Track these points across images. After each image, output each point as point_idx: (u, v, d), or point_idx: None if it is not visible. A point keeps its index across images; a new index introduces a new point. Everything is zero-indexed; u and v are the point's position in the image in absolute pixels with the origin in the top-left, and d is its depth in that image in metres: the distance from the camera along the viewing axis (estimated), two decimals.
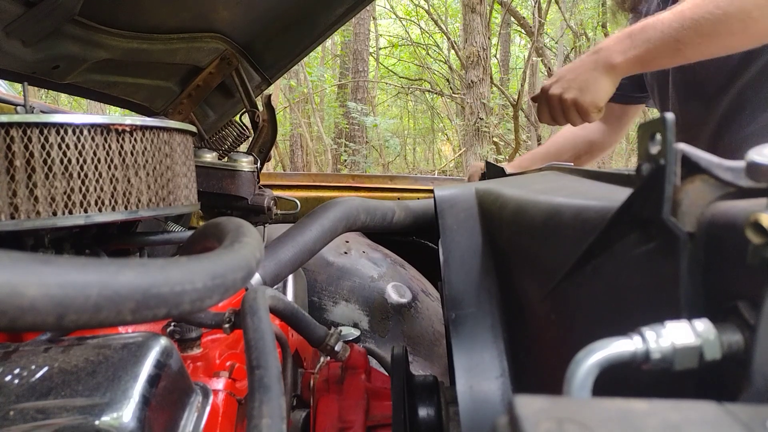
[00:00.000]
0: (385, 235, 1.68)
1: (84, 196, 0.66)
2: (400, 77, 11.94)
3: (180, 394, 0.54)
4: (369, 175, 2.17)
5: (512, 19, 9.20)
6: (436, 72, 11.24)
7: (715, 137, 1.17)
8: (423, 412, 0.73)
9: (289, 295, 1.06)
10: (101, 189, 0.67)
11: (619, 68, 0.96)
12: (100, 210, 0.67)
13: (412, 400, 0.73)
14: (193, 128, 0.83)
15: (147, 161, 0.71)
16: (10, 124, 0.62)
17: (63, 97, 7.66)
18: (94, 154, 0.66)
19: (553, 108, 1.04)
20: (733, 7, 0.86)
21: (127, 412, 0.44)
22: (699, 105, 1.18)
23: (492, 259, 0.66)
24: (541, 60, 8.33)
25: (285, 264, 0.82)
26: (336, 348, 0.77)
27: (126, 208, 0.69)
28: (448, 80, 10.66)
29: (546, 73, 8.04)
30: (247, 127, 1.45)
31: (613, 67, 0.96)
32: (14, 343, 0.54)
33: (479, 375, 0.58)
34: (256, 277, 0.77)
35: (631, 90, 1.45)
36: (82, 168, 0.65)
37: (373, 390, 0.87)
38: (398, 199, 1.77)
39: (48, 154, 0.63)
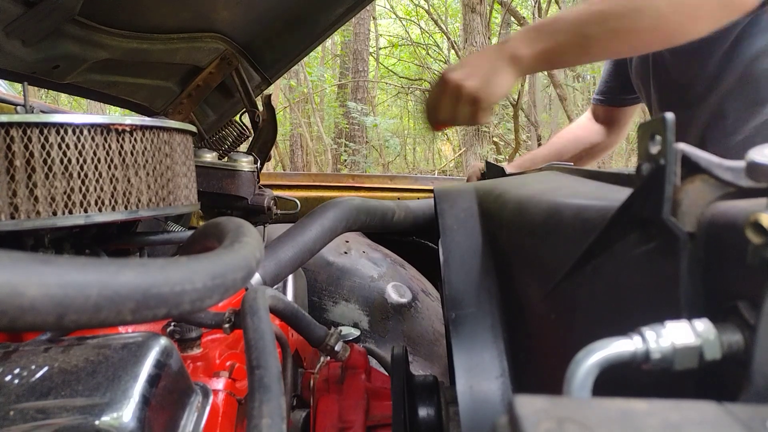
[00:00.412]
0: (385, 235, 1.68)
1: (84, 196, 0.66)
2: (400, 77, 11.93)
3: (180, 394, 0.54)
4: (369, 175, 2.17)
5: (512, 19, 9.20)
6: (436, 72, 11.21)
7: (699, 146, 1.15)
8: (423, 412, 0.73)
9: (289, 295, 1.06)
10: (101, 189, 0.67)
11: (524, 61, 0.86)
12: (100, 210, 0.67)
13: (412, 400, 0.73)
14: (193, 128, 0.83)
15: (147, 161, 0.71)
16: (10, 124, 0.62)
17: (63, 97, 7.66)
18: (94, 153, 0.66)
19: (445, 96, 0.91)
20: (643, 2, 0.80)
21: (127, 412, 0.44)
22: (681, 112, 1.15)
23: (492, 258, 0.66)
24: None
25: (285, 264, 0.81)
26: (336, 348, 0.77)
27: (126, 208, 0.69)
28: None
29: (546, 73, 8.03)
30: (247, 127, 1.45)
31: (518, 60, 0.86)
32: (14, 343, 0.54)
33: (479, 375, 0.58)
34: (256, 277, 0.77)
35: (622, 92, 1.44)
36: (82, 168, 0.65)
37: (373, 390, 0.87)
38: (398, 199, 1.77)
39: (48, 154, 0.63)
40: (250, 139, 1.41)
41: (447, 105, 0.92)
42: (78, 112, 4.95)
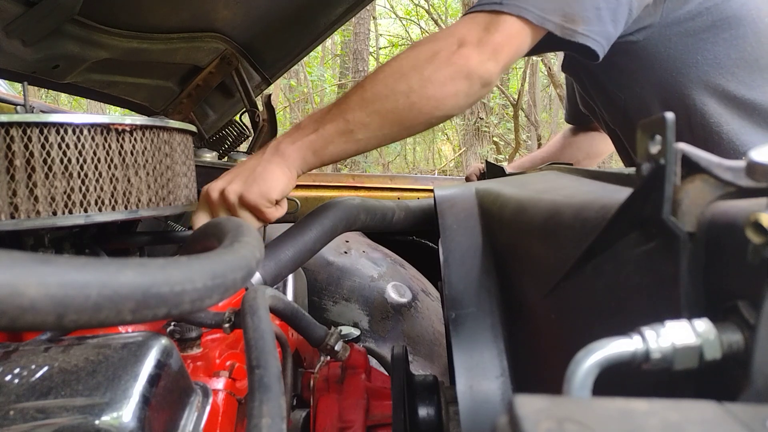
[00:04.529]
0: (385, 235, 1.68)
1: (84, 196, 0.66)
2: None
3: (180, 393, 0.54)
4: (369, 174, 2.17)
5: None
6: None
7: None
8: (423, 411, 0.73)
9: (289, 295, 1.06)
10: (101, 188, 0.67)
11: (290, 157, 0.81)
12: (100, 210, 0.67)
13: (412, 399, 0.73)
14: (193, 128, 0.83)
15: (147, 161, 0.71)
16: (10, 124, 0.62)
17: (63, 96, 7.67)
18: (94, 153, 0.66)
19: (214, 208, 0.82)
20: (395, 84, 0.80)
21: (127, 411, 0.44)
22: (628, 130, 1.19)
23: (492, 258, 0.66)
24: (541, 59, 8.33)
25: (285, 264, 0.81)
26: (336, 348, 0.77)
27: (126, 207, 0.69)
28: None
29: (546, 73, 8.03)
30: (247, 127, 1.46)
31: (283, 154, 0.81)
32: (14, 343, 0.54)
33: (479, 375, 0.58)
34: (257, 277, 0.77)
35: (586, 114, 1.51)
36: (82, 167, 0.65)
37: (373, 390, 0.87)
38: (398, 199, 1.77)
39: (48, 153, 0.64)
40: (250, 138, 1.41)
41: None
42: (78, 112, 4.95)
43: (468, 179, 1.38)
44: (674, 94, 1.01)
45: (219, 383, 0.62)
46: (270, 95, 1.45)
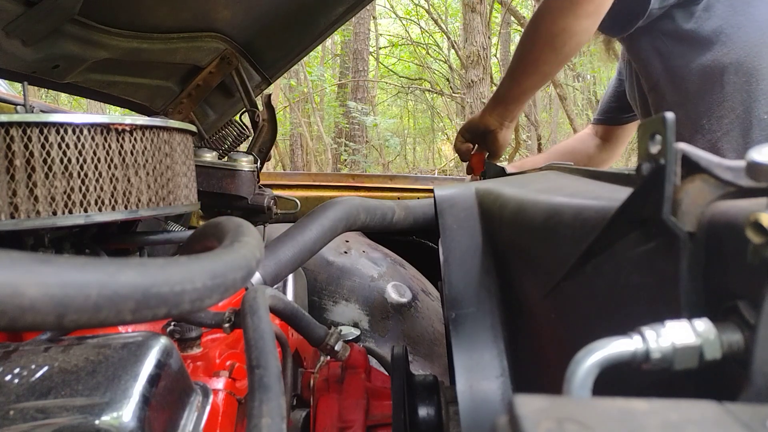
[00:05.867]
0: (385, 235, 1.68)
1: (84, 196, 0.66)
2: (400, 77, 11.93)
3: (180, 393, 0.54)
4: (369, 174, 2.17)
5: (512, 18, 9.19)
6: (436, 71, 11.24)
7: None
8: (423, 411, 0.73)
9: (289, 295, 1.06)
10: (101, 188, 0.67)
11: (494, 125, 1.27)
12: (100, 209, 0.67)
13: (412, 399, 0.73)
14: (193, 128, 0.83)
15: (147, 161, 0.71)
16: (10, 124, 0.62)
17: (63, 96, 7.66)
18: (94, 153, 0.66)
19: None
20: (530, 53, 1.17)
21: (127, 411, 0.44)
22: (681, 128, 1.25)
23: (492, 258, 0.66)
24: None
25: (285, 264, 0.81)
26: (336, 347, 0.77)
27: (126, 207, 0.69)
28: (448, 80, 10.67)
29: None
30: (247, 127, 1.45)
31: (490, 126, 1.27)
32: (14, 343, 0.54)
33: (479, 374, 0.58)
34: (257, 277, 0.77)
35: (620, 112, 1.60)
36: (81, 167, 0.65)
37: (373, 389, 0.87)
38: (398, 199, 1.77)
39: (48, 153, 0.63)
40: (250, 138, 1.41)
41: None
42: (78, 111, 4.94)
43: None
44: (716, 52, 1.16)
45: (219, 383, 0.62)
46: (270, 95, 1.45)
